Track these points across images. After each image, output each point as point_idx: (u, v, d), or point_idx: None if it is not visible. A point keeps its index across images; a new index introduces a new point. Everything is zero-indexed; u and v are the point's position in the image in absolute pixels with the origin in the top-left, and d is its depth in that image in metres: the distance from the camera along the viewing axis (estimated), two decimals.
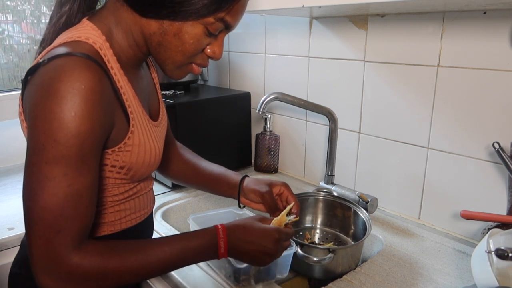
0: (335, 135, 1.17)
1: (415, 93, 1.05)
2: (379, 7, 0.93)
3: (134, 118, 0.68)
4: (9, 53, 1.59)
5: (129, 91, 0.67)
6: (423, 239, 1.01)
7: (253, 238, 0.70)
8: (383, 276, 0.86)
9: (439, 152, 1.03)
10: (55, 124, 0.55)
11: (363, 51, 1.15)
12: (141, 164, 0.70)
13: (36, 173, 0.56)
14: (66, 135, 0.55)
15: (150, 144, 0.71)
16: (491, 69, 0.91)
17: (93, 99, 0.57)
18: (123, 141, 0.66)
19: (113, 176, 0.69)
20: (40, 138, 0.55)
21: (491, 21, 0.89)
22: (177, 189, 1.31)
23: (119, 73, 0.65)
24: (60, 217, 0.56)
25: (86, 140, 0.57)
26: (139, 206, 0.78)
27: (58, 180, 0.56)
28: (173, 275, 0.86)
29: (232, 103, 1.46)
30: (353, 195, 1.09)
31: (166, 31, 0.64)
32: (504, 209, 0.92)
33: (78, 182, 0.57)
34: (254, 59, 1.52)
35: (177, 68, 0.69)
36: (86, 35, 0.63)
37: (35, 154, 0.56)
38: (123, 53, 0.68)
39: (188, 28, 0.63)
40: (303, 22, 1.30)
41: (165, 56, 0.67)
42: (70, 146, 0.55)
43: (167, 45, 0.65)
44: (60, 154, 0.55)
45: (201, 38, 0.65)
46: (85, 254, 0.58)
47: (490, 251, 0.70)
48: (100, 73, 0.59)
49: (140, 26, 0.65)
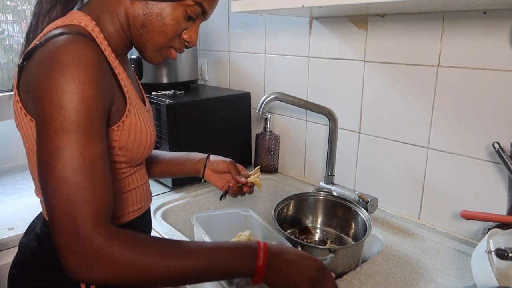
0: (335, 135, 1.17)
1: (415, 93, 1.05)
2: (379, 7, 0.93)
3: (130, 97, 0.70)
4: (9, 53, 1.59)
5: (122, 73, 0.70)
6: (423, 239, 1.01)
7: (295, 257, 0.65)
8: (383, 276, 0.86)
9: (439, 152, 1.03)
10: (59, 91, 0.55)
11: (363, 51, 1.15)
12: (138, 145, 0.72)
13: (47, 145, 0.55)
14: (72, 100, 0.56)
15: (145, 126, 0.73)
16: (491, 69, 0.91)
17: (94, 67, 0.58)
18: (121, 119, 0.68)
19: (112, 159, 0.70)
20: (46, 108, 0.56)
21: (491, 21, 0.89)
22: (177, 189, 1.31)
23: (111, 55, 0.69)
24: (78, 186, 0.55)
25: (92, 104, 0.57)
26: (135, 199, 0.78)
27: (69, 148, 0.55)
28: None
29: (232, 103, 1.46)
30: (353, 195, 1.09)
31: (150, 12, 0.69)
32: (504, 209, 0.92)
33: (88, 150, 0.57)
34: (254, 59, 1.52)
35: (157, 50, 0.74)
36: (78, 20, 0.66)
37: (43, 125, 0.56)
38: (111, 39, 0.71)
39: (170, 9, 0.69)
40: (303, 22, 1.30)
41: (146, 37, 0.71)
42: (77, 111, 0.56)
43: (150, 25, 0.70)
44: (68, 121, 0.55)
45: (181, 21, 0.70)
46: (114, 236, 0.55)
47: (490, 251, 0.70)
48: (97, 48, 0.62)
49: (125, 8, 0.70)
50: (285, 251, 0.65)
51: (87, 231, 0.54)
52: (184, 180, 1.32)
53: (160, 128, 1.30)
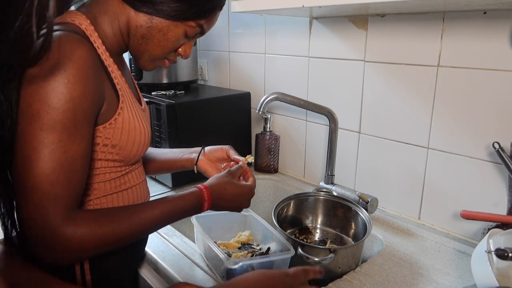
0: (335, 135, 1.17)
1: (415, 93, 1.05)
2: (379, 7, 0.93)
3: (123, 95, 0.71)
4: None
5: (116, 71, 0.71)
6: (423, 239, 1.02)
7: (232, 197, 0.80)
8: (383, 276, 0.86)
9: (439, 152, 1.03)
10: (49, 90, 0.56)
11: (363, 51, 1.15)
12: (132, 143, 0.72)
13: (31, 141, 0.57)
14: (60, 99, 0.57)
15: (139, 123, 0.74)
16: (491, 69, 0.91)
17: (85, 67, 0.60)
18: (113, 117, 0.68)
19: (106, 158, 0.70)
20: (34, 106, 0.56)
21: (491, 21, 0.89)
22: (177, 189, 1.31)
23: (105, 53, 0.69)
24: (56, 183, 0.57)
25: (79, 105, 0.59)
26: (132, 198, 0.78)
27: (54, 147, 0.57)
28: (170, 272, 0.87)
29: (232, 103, 1.46)
30: (353, 195, 1.09)
31: (153, 26, 0.70)
32: (504, 209, 0.92)
33: (72, 149, 0.59)
34: (254, 59, 1.52)
35: (151, 60, 0.76)
36: (71, 18, 0.67)
37: (29, 122, 0.57)
38: (107, 39, 0.72)
39: (173, 27, 0.71)
40: (303, 22, 1.30)
41: (145, 48, 0.73)
42: (65, 111, 0.57)
43: (151, 38, 0.72)
44: (55, 119, 0.57)
45: (180, 38, 0.74)
46: (79, 222, 0.60)
47: (490, 251, 0.70)
48: (89, 46, 0.63)
49: (128, 17, 0.71)
50: (224, 195, 0.79)
51: (57, 225, 0.57)
52: (184, 180, 1.32)
53: (160, 128, 1.30)
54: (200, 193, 0.76)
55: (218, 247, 0.83)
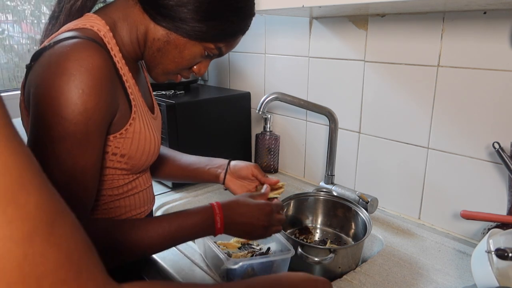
0: (335, 135, 1.17)
1: (415, 93, 1.05)
2: (379, 7, 0.93)
3: (136, 105, 0.70)
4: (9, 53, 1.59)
5: (130, 80, 0.70)
6: (423, 239, 1.01)
7: (247, 211, 0.74)
8: (383, 276, 0.86)
9: (439, 152, 1.03)
10: (62, 101, 0.55)
11: (363, 51, 1.15)
12: (141, 153, 0.72)
13: (43, 151, 0.56)
14: (74, 111, 0.56)
15: (149, 133, 0.73)
16: (491, 69, 0.91)
17: (100, 77, 0.58)
18: (124, 127, 0.67)
19: (114, 166, 0.69)
20: (47, 115, 0.56)
21: (491, 21, 0.89)
22: (177, 189, 1.31)
23: (121, 61, 0.68)
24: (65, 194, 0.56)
25: (92, 116, 0.58)
26: (138, 203, 0.78)
27: (64, 157, 0.56)
28: (170, 272, 0.87)
29: (232, 103, 1.46)
30: (353, 195, 1.09)
31: (170, 41, 0.69)
32: (504, 209, 0.92)
33: (82, 161, 0.58)
34: (254, 59, 1.52)
35: (164, 74, 0.75)
36: (90, 24, 0.65)
37: (41, 131, 0.56)
38: (124, 46, 0.71)
39: (190, 45, 0.70)
40: (303, 22, 1.30)
41: (159, 61, 0.72)
42: (77, 123, 0.56)
43: (166, 53, 0.70)
44: (67, 131, 0.56)
45: (196, 57, 0.72)
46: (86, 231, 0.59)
47: (490, 251, 0.70)
48: (105, 55, 0.61)
49: (146, 28, 0.69)
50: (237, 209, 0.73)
51: None
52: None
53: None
54: (210, 207, 0.72)
55: (218, 247, 0.83)
